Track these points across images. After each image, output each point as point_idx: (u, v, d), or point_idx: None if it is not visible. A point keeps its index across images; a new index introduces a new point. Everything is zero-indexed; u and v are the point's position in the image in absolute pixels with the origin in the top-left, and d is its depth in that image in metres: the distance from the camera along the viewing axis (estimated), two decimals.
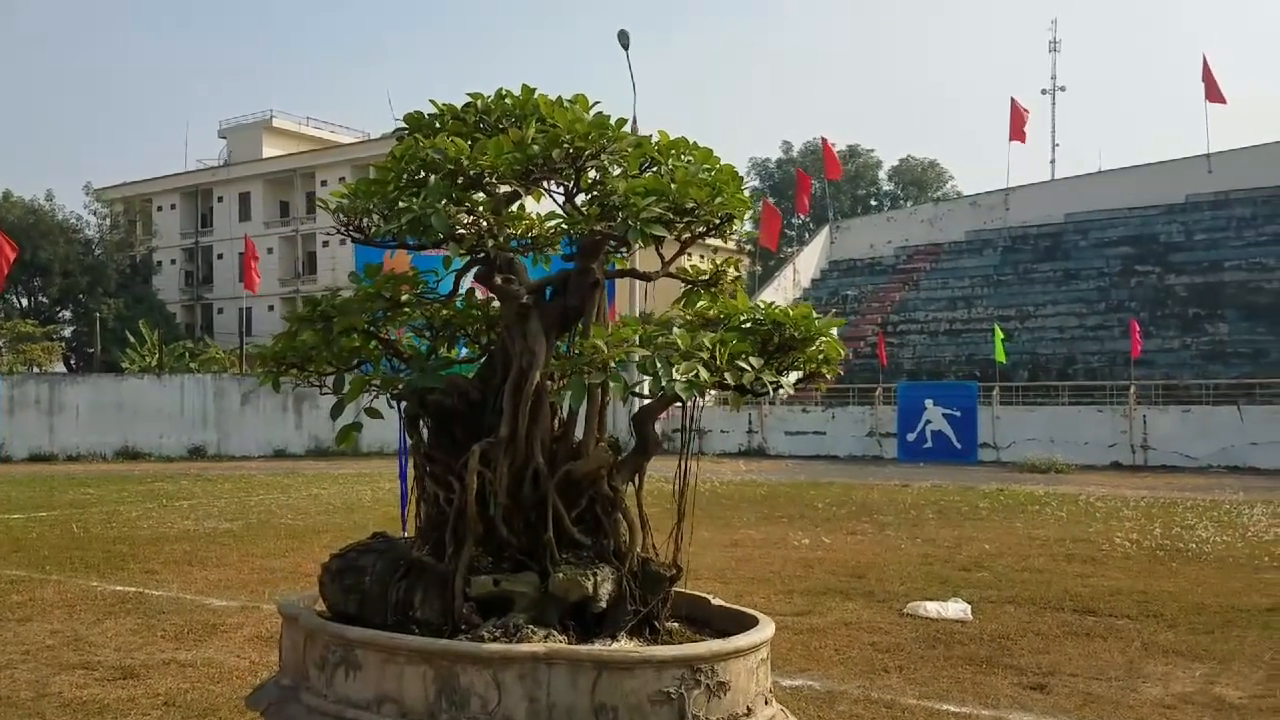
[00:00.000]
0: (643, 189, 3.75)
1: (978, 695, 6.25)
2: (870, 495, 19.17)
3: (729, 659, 3.42)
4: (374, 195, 3.91)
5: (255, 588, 9.67)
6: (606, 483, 3.89)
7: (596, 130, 3.82)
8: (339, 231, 3.97)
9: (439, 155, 3.75)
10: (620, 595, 3.74)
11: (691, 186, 3.80)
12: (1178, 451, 27.51)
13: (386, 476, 23.34)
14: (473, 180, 3.79)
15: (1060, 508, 17.05)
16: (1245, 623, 8.14)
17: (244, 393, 33.74)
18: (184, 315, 63.95)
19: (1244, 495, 19.06)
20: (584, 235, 3.85)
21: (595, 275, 4.05)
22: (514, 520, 3.82)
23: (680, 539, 3.90)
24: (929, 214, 50.45)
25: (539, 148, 3.73)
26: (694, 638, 3.84)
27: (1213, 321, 35.26)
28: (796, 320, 3.89)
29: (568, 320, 4.11)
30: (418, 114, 4.15)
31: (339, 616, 3.84)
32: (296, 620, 3.82)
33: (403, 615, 3.71)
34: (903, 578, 10.18)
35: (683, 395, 3.49)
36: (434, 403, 3.97)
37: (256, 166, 63.15)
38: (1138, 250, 40.82)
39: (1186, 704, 6.04)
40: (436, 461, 3.97)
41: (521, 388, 3.81)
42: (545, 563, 3.74)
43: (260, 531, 13.62)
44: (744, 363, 3.66)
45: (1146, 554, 11.86)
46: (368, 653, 3.45)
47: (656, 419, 4.07)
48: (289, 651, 3.88)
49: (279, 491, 19.87)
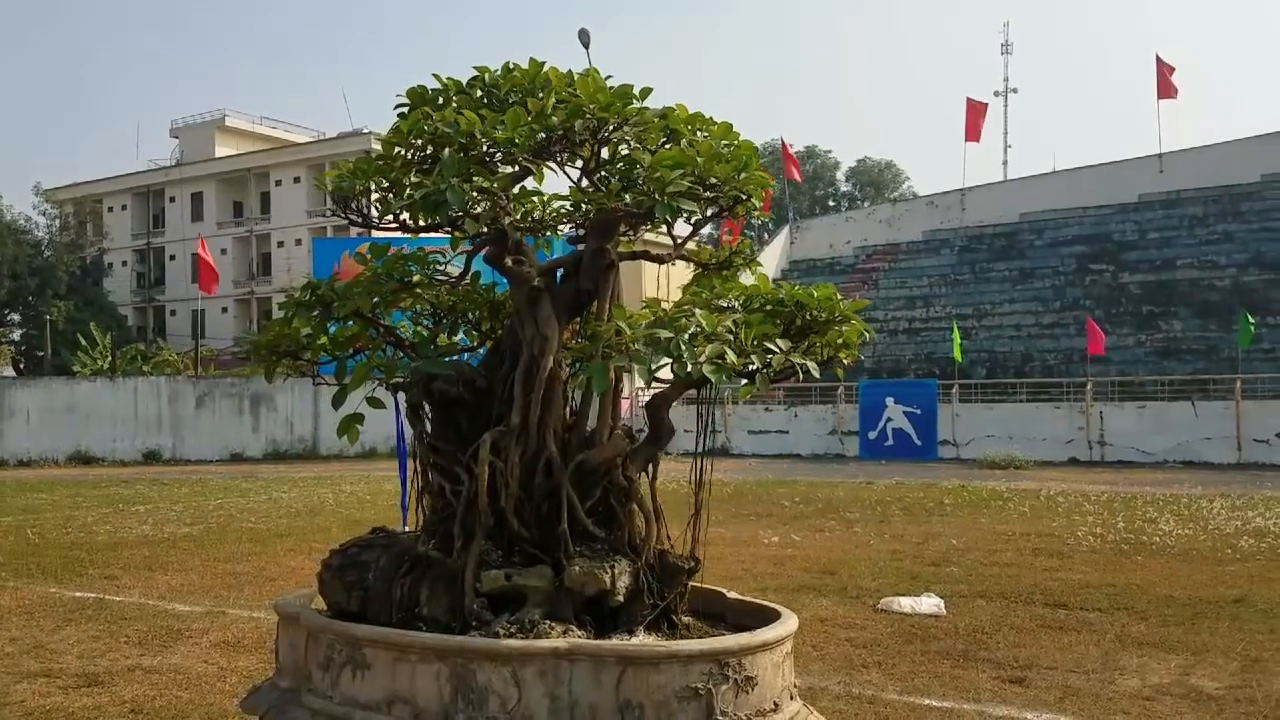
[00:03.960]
0: (670, 161, 3.58)
1: (958, 689, 6.25)
2: (835, 493, 19.23)
3: (756, 653, 3.31)
4: (375, 175, 3.71)
5: (219, 592, 9.48)
6: (621, 473, 3.75)
7: (620, 100, 3.64)
8: (334, 214, 3.80)
9: (451, 129, 3.54)
10: (637, 589, 3.62)
11: (717, 161, 3.64)
12: (1134, 447, 27.90)
13: (348, 479, 23.09)
14: (487, 156, 3.60)
15: (1022, 503, 17.20)
16: (1215, 614, 8.22)
17: (198, 395, 33.24)
18: (136, 317, 62.92)
19: (1201, 489, 19.36)
20: (600, 213, 3.68)
21: (610, 256, 3.87)
22: (525, 512, 3.68)
23: (698, 531, 3.78)
24: (887, 214, 50.84)
25: (559, 119, 3.55)
26: (713, 632, 3.72)
27: (1166, 319, 35.83)
28: (820, 301, 3.75)
29: (580, 304, 3.94)
30: (420, 88, 3.90)
31: (340, 615, 3.70)
32: (297, 619, 3.66)
33: (408, 613, 3.58)
34: (874, 573, 10.20)
35: (711, 378, 3.35)
36: (438, 391, 3.80)
37: (209, 166, 62.24)
38: (1092, 249, 41.38)
39: (1164, 695, 6.07)
40: (442, 452, 3.82)
41: (533, 375, 3.66)
42: (559, 556, 3.61)
43: (221, 536, 13.39)
44: (772, 344, 3.52)
45: (1111, 548, 11.98)
46: (377, 651, 3.30)
47: (672, 405, 3.93)
48: (287, 652, 3.73)
49: (238, 495, 19.56)
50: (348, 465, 28.32)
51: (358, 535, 4.01)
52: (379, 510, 16.22)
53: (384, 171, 3.70)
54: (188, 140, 65.40)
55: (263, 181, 60.48)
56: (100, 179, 65.40)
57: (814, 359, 3.67)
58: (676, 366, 3.39)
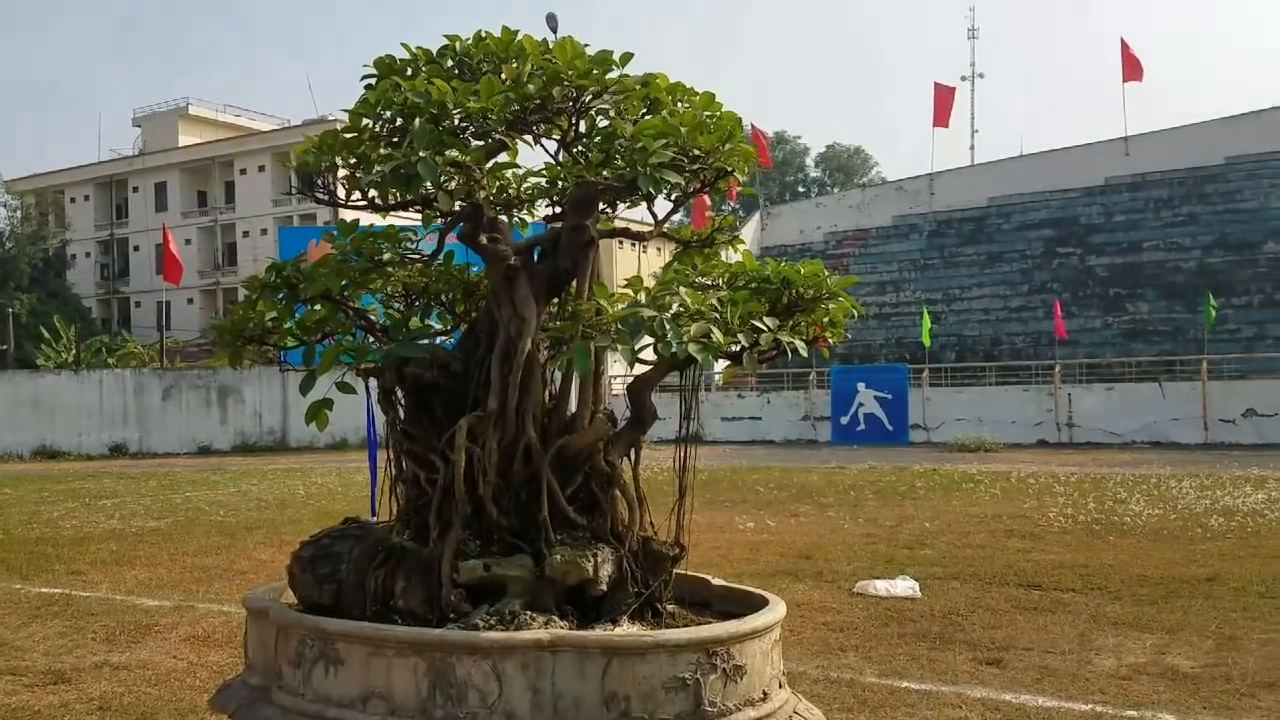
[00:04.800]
0: (653, 131, 3.42)
1: (935, 672, 6.26)
2: (809, 478, 19.26)
3: (745, 640, 3.23)
4: (342, 150, 3.53)
5: (188, 586, 9.35)
6: (603, 458, 3.64)
7: (600, 67, 3.47)
8: (299, 193, 3.60)
9: (422, 99, 3.37)
10: (621, 577, 3.52)
11: (701, 131, 3.48)
12: (1102, 428, 28.13)
13: (319, 471, 22.87)
14: (459, 127, 3.43)
15: (993, 485, 17.30)
16: (1188, 593, 8.27)
17: (165, 387, 32.86)
18: (100, 309, 62.13)
19: (1170, 469, 19.53)
20: (580, 187, 3.53)
21: (590, 233, 3.72)
22: (504, 500, 3.55)
23: (682, 516, 3.70)
24: (856, 199, 51.01)
25: (536, 87, 3.38)
26: (699, 620, 3.63)
27: (1133, 301, 36.18)
28: (807, 278, 3.65)
29: (559, 283, 3.79)
30: (388, 58, 3.69)
31: (312, 609, 3.58)
32: (266, 614, 3.54)
33: (383, 605, 3.46)
34: (849, 557, 10.20)
35: (697, 358, 3.25)
36: (412, 375, 3.66)
37: (172, 155, 61.42)
38: (1059, 232, 41.70)
39: (1141, 674, 6.09)
40: (416, 439, 3.68)
41: (511, 357, 3.53)
42: (539, 544, 3.49)
43: (189, 529, 13.22)
44: (759, 322, 3.42)
45: (1083, 528, 12.05)
46: (351, 646, 3.18)
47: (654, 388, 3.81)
48: (257, 648, 3.61)
49: (206, 488, 19.34)
50: (318, 457, 28.07)
51: (329, 526, 3.89)
52: (350, 502, 16.06)
53: (351, 146, 3.52)
54: (150, 129, 64.52)
55: (227, 171, 59.78)
56: (62, 169, 64.50)
57: (801, 338, 3.56)
58: (661, 347, 3.27)
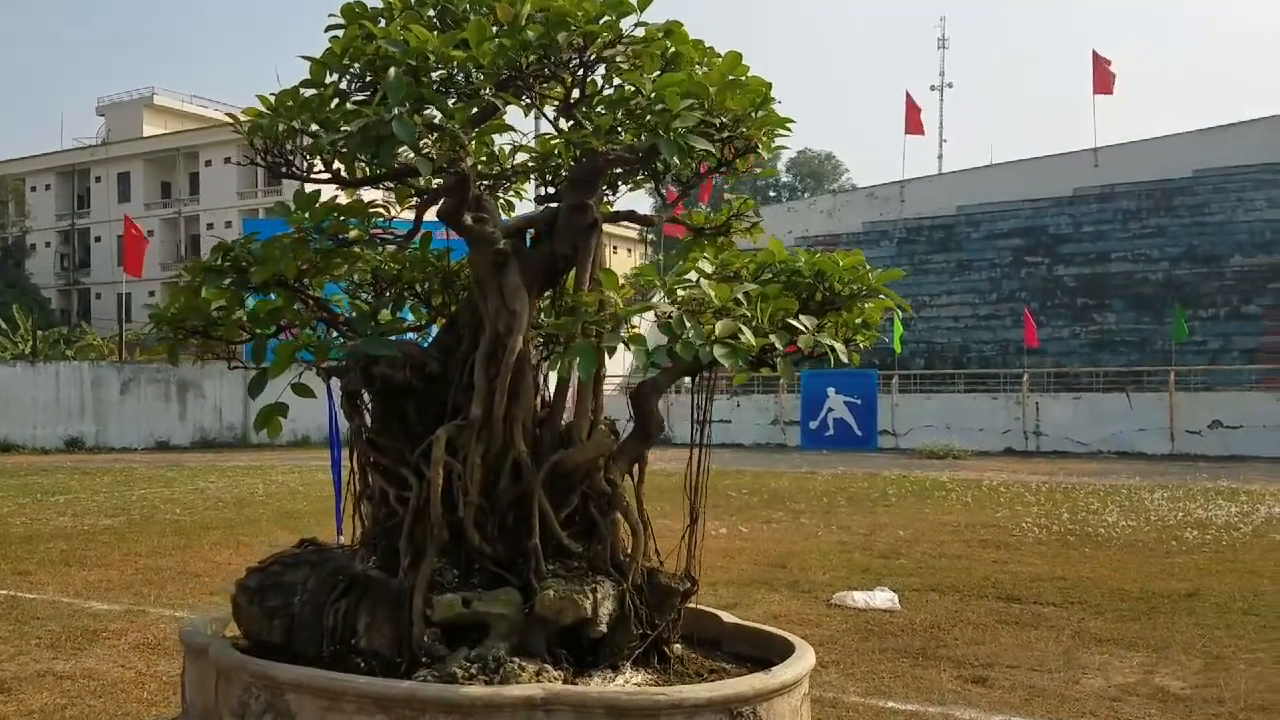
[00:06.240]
0: (679, 88, 2.87)
1: (920, 690, 6.04)
2: (780, 483, 19.07)
3: (773, 698, 2.79)
4: (303, 111, 2.99)
5: (140, 589, 9.00)
6: (603, 476, 3.18)
7: (614, 11, 2.91)
8: (253, 162, 3.08)
9: (397, 48, 2.84)
10: (623, 615, 3.05)
11: (732, 91, 2.95)
12: (1069, 437, 28.19)
13: (279, 469, 22.41)
14: (440, 86, 2.90)
15: (965, 493, 17.19)
16: (1169, 609, 8.12)
17: (123, 381, 32.18)
18: (60, 300, 61.09)
19: (1139, 480, 19.53)
20: (584, 160, 3.01)
21: (593, 214, 3.23)
22: (487, 523, 3.07)
23: (694, 544, 3.28)
24: (828, 205, 51.01)
25: (536, 34, 2.84)
26: (714, 666, 3.18)
27: (1100, 311, 36.34)
28: (846, 272, 3.20)
29: (555, 272, 3.32)
30: (357, 4, 3.12)
31: (259, 647, 3.07)
32: (206, 653, 3.04)
33: (342, 645, 2.98)
34: (824, 567, 10.00)
35: (724, 362, 2.77)
36: (381, 377, 3.17)
37: (137, 145, 60.47)
38: (1027, 242, 41.84)
39: (1131, 695, 5.91)
40: (385, 450, 3.19)
41: (498, 357, 3.07)
42: (528, 576, 3.02)
43: (144, 528, 12.82)
44: (795, 322, 2.95)
45: (1058, 539, 11.93)
46: (302, 698, 2.68)
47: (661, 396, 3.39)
48: (195, 692, 3.11)
49: (163, 485, 18.85)
50: (279, 454, 27.54)
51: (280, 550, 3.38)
52: (312, 502, 15.68)
53: (311, 107, 2.99)
54: (114, 119, 63.49)
55: (192, 162, 58.91)
56: (22, 157, 63.41)
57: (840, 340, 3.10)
58: (681, 348, 2.82)
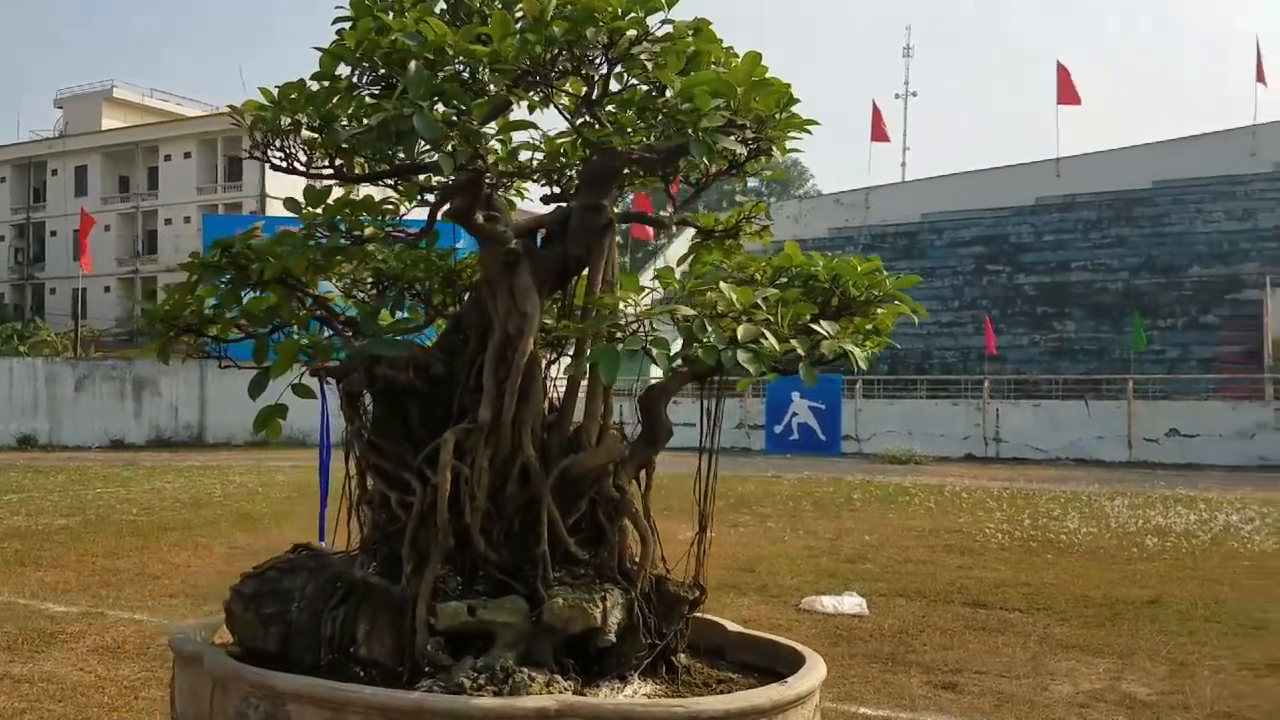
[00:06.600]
0: (708, 86, 2.85)
1: (891, 696, 6.05)
2: (746, 487, 19.08)
3: (789, 709, 2.77)
4: (310, 104, 2.92)
5: (97, 591, 8.84)
6: (611, 482, 3.14)
7: (642, 7, 2.85)
8: (251, 156, 3.01)
9: (415, 41, 2.76)
10: (631, 624, 3.00)
11: (759, 92, 2.93)
12: (1028, 444, 28.49)
13: (237, 470, 22.11)
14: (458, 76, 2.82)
15: (928, 498, 17.32)
16: (1133, 615, 8.19)
17: (78, 377, 31.64)
18: (13, 295, 59.98)
19: (1099, 487, 19.75)
20: (600, 158, 2.96)
21: (608, 214, 3.17)
22: (493, 530, 3.00)
23: (703, 552, 3.26)
24: (794, 211, 51.18)
25: (561, 30, 2.78)
26: (723, 676, 3.13)
27: (1060, 319, 36.75)
28: (864, 277, 3.18)
29: (567, 273, 3.27)
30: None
31: (253, 655, 2.99)
32: (199, 661, 2.94)
33: (341, 653, 2.91)
34: (792, 571, 10.02)
35: (749, 368, 2.74)
36: (384, 378, 3.09)
37: (95, 139, 59.46)
38: (990, 250, 42.25)
39: (1099, 702, 5.95)
40: (386, 454, 3.11)
41: (508, 359, 3.01)
42: (534, 583, 2.95)
43: (100, 528, 12.59)
44: (818, 326, 2.93)
45: (1020, 545, 12.03)
46: (304, 709, 2.58)
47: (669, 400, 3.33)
48: (186, 702, 3.02)
49: (118, 485, 18.53)
50: (236, 454, 27.19)
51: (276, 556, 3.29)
52: (271, 504, 15.49)
53: (316, 101, 2.92)
54: (73, 111, 62.39)
55: (151, 156, 58.02)
56: None
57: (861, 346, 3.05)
58: (703, 352, 2.77)
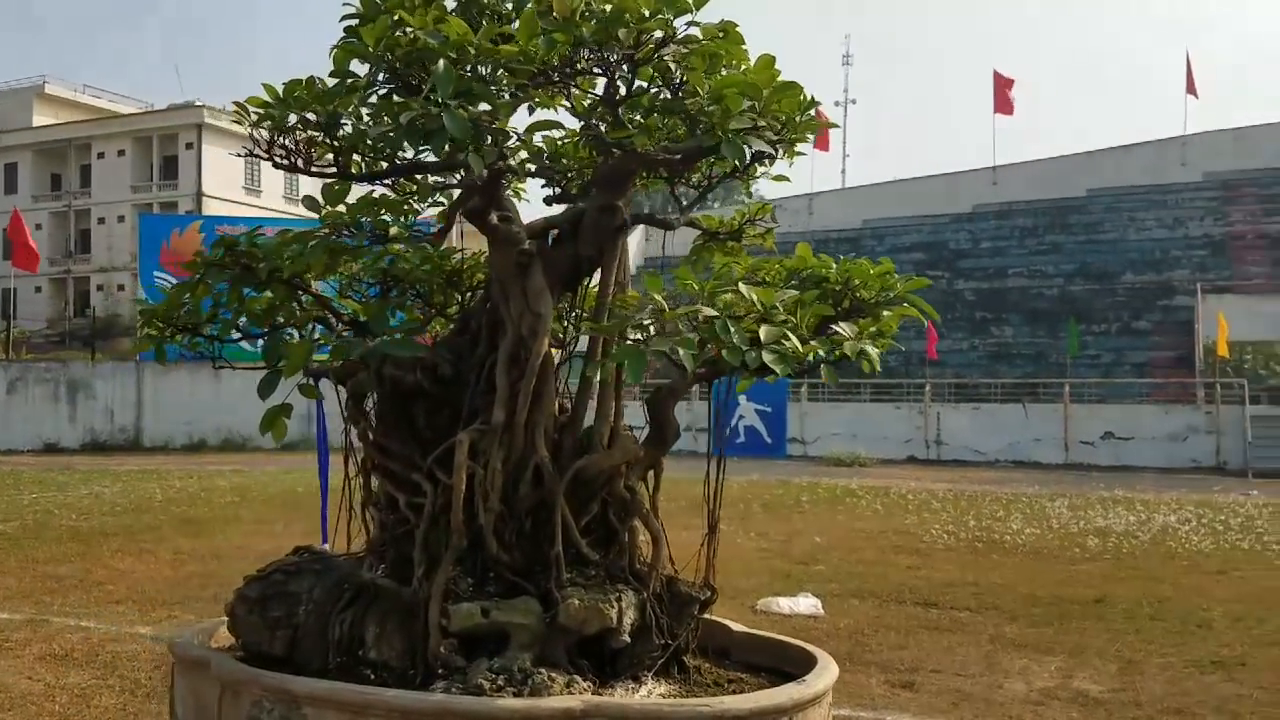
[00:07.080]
0: (736, 88, 2.86)
1: (850, 696, 6.11)
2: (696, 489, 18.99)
3: (808, 707, 2.80)
4: (320, 101, 2.88)
5: (40, 598, 8.63)
6: (622, 483, 3.15)
7: (670, 8, 2.83)
8: (251, 154, 2.96)
9: (437, 40, 2.72)
10: (644, 625, 3.02)
11: (783, 94, 2.94)
12: (968, 446, 28.98)
13: (176, 474, 21.69)
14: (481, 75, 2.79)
15: (874, 500, 17.54)
16: (1080, 614, 8.38)
17: (10, 380, 30.82)
18: None
19: (1038, 488, 20.14)
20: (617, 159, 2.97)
21: (621, 215, 3.18)
22: (506, 531, 2.99)
23: (712, 552, 3.29)
24: None
25: (589, 30, 2.78)
26: (733, 676, 3.16)
27: (998, 324, 37.46)
28: (876, 279, 3.25)
29: (579, 274, 3.28)
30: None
31: (258, 659, 2.93)
32: (206, 666, 2.86)
33: (350, 656, 2.87)
34: (747, 573, 10.06)
35: (776, 369, 2.77)
36: (391, 378, 3.06)
37: (25, 135, 57.93)
38: (929, 256, 42.84)
39: (1052, 699, 6.08)
40: (394, 455, 3.09)
41: (521, 360, 3.01)
42: (547, 585, 2.95)
43: (39, 534, 12.28)
44: (838, 328, 2.99)
45: (966, 546, 12.23)
46: (323, 712, 2.54)
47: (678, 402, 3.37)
48: (188, 708, 2.95)
49: (55, 489, 18.07)
50: (174, 458, 26.68)
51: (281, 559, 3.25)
52: (214, 509, 15.23)
53: (321, 99, 2.88)
54: (3, 107, 60.74)
55: (84, 153, 56.70)
56: None
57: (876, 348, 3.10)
58: (728, 354, 2.78)
